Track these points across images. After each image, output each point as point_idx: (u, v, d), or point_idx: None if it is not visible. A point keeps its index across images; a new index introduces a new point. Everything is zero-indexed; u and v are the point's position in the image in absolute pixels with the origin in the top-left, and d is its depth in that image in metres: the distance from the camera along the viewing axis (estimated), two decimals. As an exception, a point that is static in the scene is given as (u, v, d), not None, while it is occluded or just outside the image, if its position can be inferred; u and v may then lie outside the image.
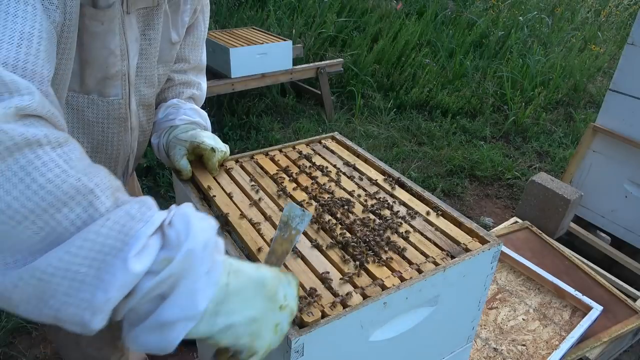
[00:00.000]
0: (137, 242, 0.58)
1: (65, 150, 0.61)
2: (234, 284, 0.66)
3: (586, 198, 2.66)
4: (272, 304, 0.70)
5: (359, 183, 1.25)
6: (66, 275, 0.56)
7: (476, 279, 1.05)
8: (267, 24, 4.73)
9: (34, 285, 0.56)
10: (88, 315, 0.58)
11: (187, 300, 0.61)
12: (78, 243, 0.57)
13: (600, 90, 5.13)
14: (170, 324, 0.61)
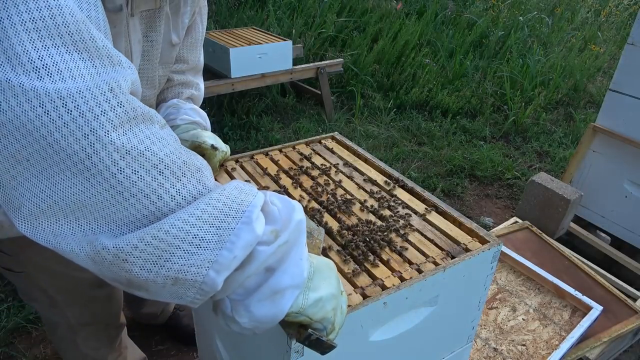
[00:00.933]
0: (255, 209, 0.63)
1: (169, 131, 0.65)
2: (316, 262, 0.72)
3: (586, 198, 2.66)
4: (339, 286, 0.75)
5: (358, 183, 1.25)
6: (187, 236, 0.59)
7: (476, 279, 1.05)
8: (267, 24, 4.73)
9: (155, 246, 0.58)
10: (213, 274, 0.60)
11: (295, 268, 0.66)
12: (201, 207, 0.60)
13: (600, 90, 5.13)
14: (282, 291, 0.65)
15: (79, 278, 1.25)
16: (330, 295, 0.70)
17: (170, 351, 2.08)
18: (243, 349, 1.08)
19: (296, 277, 0.66)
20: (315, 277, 0.70)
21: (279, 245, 0.64)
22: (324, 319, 0.70)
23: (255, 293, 0.64)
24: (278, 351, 0.82)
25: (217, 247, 0.60)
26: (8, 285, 2.30)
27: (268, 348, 0.89)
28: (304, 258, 0.67)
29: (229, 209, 0.61)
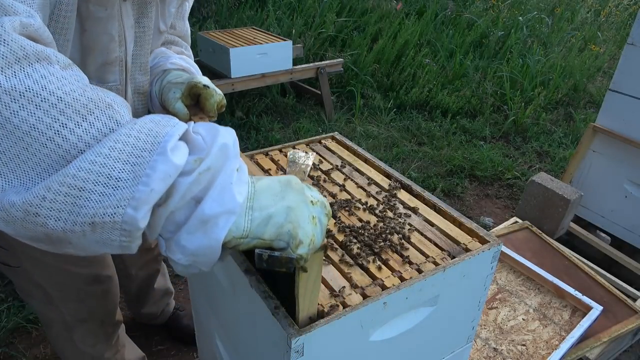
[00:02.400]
0: (171, 139, 0.58)
1: (75, 72, 0.60)
2: (259, 184, 0.67)
3: (586, 198, 2.66)
4: (303, 197, 0.68)
5: (358, 183, 1.25)
6: (99, 177, 0.55)
7: (476, 279, 1.05)
8: (267, 24, 4.73)
9: (65, 193, 0.54)
10: (131, 211, 0.56)
11: (224, 194, 0.62)
12: (109, 144, 0.56)
13: (600, 90, 5.13)
14: (213, 219, 0.61)
15: (74, 273, 1.25)
16: (283, 209, 0.65)
17: (170, 351, 2.08)
18: (243, 349, 1.08)
19: (227, 203, 0.61)
20: (262, 196, 0.65)
21: (200, 172, 0.60)
22: (280, 235, 0.65)
23: (184, 226, 0.61)
24: (278, 351, 0.82)
25: (132, 183, 0.56)
26: (8, 285, 2.30)
27: (268, 348, 0.89)
28: (235, 182, 0.63)
29: (143, 142, 0.57)
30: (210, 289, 1.21)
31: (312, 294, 0.76)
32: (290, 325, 0.79)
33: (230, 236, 0.63)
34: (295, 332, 0.77)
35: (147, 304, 1.95)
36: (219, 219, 0.61)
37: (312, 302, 0.77)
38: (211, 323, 1.31)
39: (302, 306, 0.75)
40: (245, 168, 0.67)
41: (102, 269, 1.35)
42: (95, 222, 0.56)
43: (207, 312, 1.33)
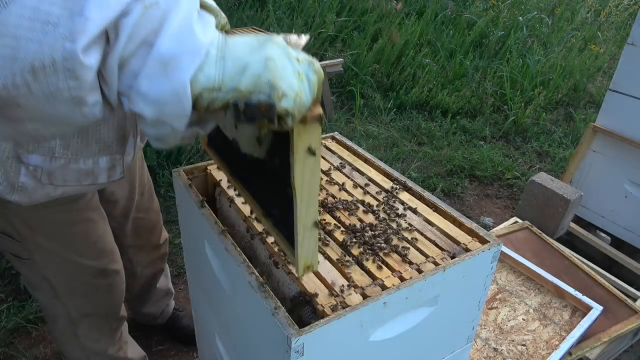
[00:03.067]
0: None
1: None
2: (233, 38, 0.60)
3: (586, 198, 2.66)
4: (286, 52, 0.60)
5: (358, 183, 1.25)
6: (35, 17, 0.51)
7: (476, 279, 1.05)
8: (266, 24, 4.73)
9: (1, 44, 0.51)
10: (68, 45, 0.51)
11: (182, 32, 0.55)
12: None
13: (600, 90, 5.13)
14: (173, 60, 0.54)
15: (82, 265, 1.26)
16: (261, 59, 0.57)
17: (170, 351, 2.08)
18: (243, 349, 1.08)
19: (187, 42, 0.55)
20: (236, 47, 0.58)
21: (146, 7, 0.53)
22: (258, 85, 0.57)
23: (142, 71, 0.55)
24: (278, 351, 0.82)
25: (68, 20, 0.51)
26: (8, 285, 2.30)
27: (268, 348, 0.89)
28: (196, 21, 0.56)
29: None
30: (210, 289, 1.21)
31: (311, 188, 0.66)
32: (290, 325, 0.79)
33: (199, 88, 0.56)
34: (295, 332, 0.77)
35: (148, 303, 1.95)
36: (181, 60, 0.55)
37: (311, 199, 0.68)
38: (211, 323, 1.31)
39: (299, 203, 0.66)
40: (211, 18, 0.60)
41: (110, 263, 1.35)
42: (35, 67, 0.52)
43: (207, 312, 1.33)
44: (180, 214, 1.32)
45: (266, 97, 0.57)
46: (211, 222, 1.05)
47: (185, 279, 2.37)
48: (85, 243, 1.26)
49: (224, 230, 1.03)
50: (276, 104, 0.57)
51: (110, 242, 1.35)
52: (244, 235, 1.12)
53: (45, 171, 1.01)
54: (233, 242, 0.99)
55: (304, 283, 0.91)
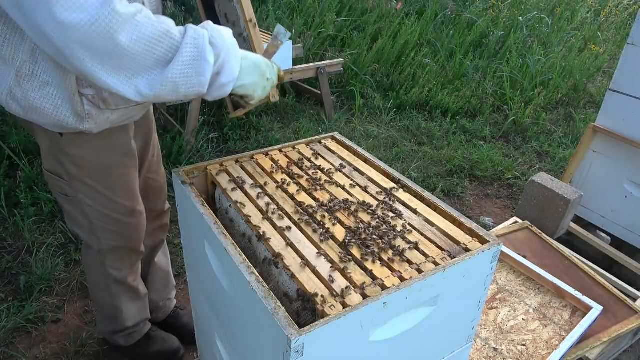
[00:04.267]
0: (205, 50, 1.06)
1: (145, 13, 1.01)
2: (244, 65, 1.17)
3: (586, 198, 2.66)
4: (262, 77, 1.22)
5: (358, 183, 1.25)
6: (183, 75, 1.05)
7: (476, 279, 1.05)
8: (267, 23, 4.73)
9: (169, 85, 1.05)
10: (202, 89, 1.09)
11: (230, 72, 1.13)
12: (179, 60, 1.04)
13: (600, 90, 5.13)
14: (225, 85, 1.14)
15: (118, 204, 1.51)
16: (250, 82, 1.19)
17: (170, 351, 2.08)
18: (243, 349, 1.08)
19: (231, 76, 1.13)
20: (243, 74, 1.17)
21: (221, 62, 1.10)
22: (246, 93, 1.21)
23: (215, 84, 1.13)
24: (278, 351, 0.82)
25: (197, 76, 1.07)
26: (8, 285, 2.30)
27: (268, 348, 0.89)
28: (234, 66, 1.14)
29: (195, 55, 1.06)
30: (210, 289, 1.21)
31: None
32: (290, 325, 0.79)
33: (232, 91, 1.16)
34: (295, 332, 0.77)
35: (147, 284, 1.95)
36: (228, 85, 1.14)
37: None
38: (211, 323, 1.31)
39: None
40: (239, 55, 1.16)
41: (138, 205, 1.60)
42: (187, 95, 1.09)
43: (207, 312, 1.33)
44: (180, 214, 1.32)
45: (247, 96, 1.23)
46: (211, 222, 1.05)
47: (185, 279, 2.37)
48: (122, 185, 1.51)
49: (224, 231, 1.04)
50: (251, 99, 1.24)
51: (137, 188, 1.60)
52: (244, 235, 1.12)
53: (100, 98, 1.27)
54: (233, 242, 0.99)
55: (304, 283, 0.91)
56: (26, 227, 2.56)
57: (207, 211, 1.08)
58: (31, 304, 2.18)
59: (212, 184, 1.29)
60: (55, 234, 2.61)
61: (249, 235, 1.10)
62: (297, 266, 0.95)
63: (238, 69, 1.15)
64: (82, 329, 2.12)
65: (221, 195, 1.23)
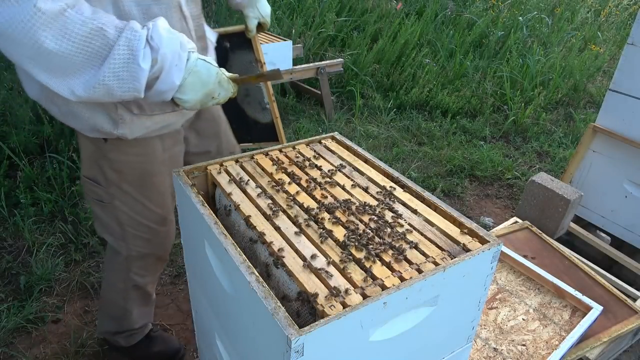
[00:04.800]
0: (139, 53, 1.03)
1: (78, 8, 0.97)
2: (189, 80, 1.15)
3: (586, 198, 2.66)
4: (207, 97, 1.20)
5: (358, 183, 1.25)
6: (116, 78, 1.03)
7: (476, 279, 1.05)
8: (267, 23, 4.73)
9: (102, 86, 1.03)
10: (138, 94, 1.08)
11: (169, 80, 1.10)
12: (112, 62, 1.01)
13: (600, 90, 5.13)
14: (164, 92, 1.12)
15: (151, 211, 1.52)
16: (192, 100, 1.18)
17: (170, 351, 2.08)
18: (243, 349, 1.08)
19: (170, 85, 1.13)
20: (187, 87, 1.16)
21: (157, 69, 1.09)
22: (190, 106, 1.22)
23: (152, 91, 1.13)
24: (278, 351, 0.82)
25: (131, 80, 1.06)
26: (8, 285, 2.30)
27: (268, 348, 0.89)
28: (174, 75, 1.12)
29: (128, 57, 1.03)
30: (210, 289, 1.21)
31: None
32: (290, 325, 0.79)
33: (170, 94, 1.14)
34: (295, 332, 0.77)
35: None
36: (168, 92, 1.13)
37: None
38: (211, 323, 1.31)
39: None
40: (183, 65, 1.12)
41: (169, 214, 1.59)
42: (123, 97, 1.09)
43: (207, 312, 1.33)
44: (180, 214, 1.32)
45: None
46: (211, 222, 1.05)
47: (185, 279, 2.37)
48: (157, 193, 1.50)
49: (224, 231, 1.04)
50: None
51: (170, 197, 1.59)
52: (244, 235, 1.12)
53: (135, 104, 1.27)
54: (233, 242, 0.99)
55: (303, 283, 0.91)
56: (26, 227, 2.56)
57: (207, 211, 1.08)
58: (31, 304, 2.18)
59: (212, 184, 1.29)
60: (55, 234, 2.61)
61: (249, 236, 1.10)
62: (297, 266, 0.95)
63: (179, 79, 1.10)
64: (82, 329, 2.12)
65: (221, 195, 1.23)
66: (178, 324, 2.21)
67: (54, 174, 2.84)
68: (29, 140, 3.00)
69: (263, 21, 1.81)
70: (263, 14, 1.79)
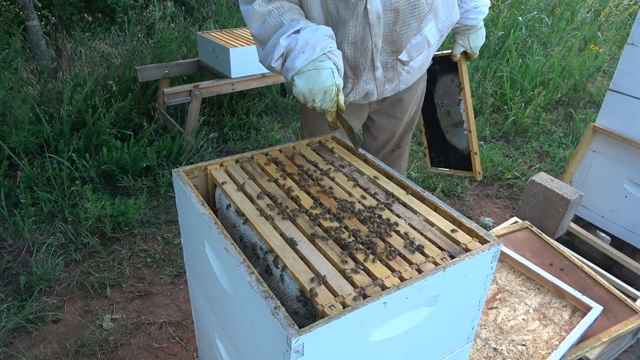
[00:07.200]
0: (284, 34, 1.35)
1: (277, 4, 1.39)
2: (308, 72, 1.31)
3: (586, 198, 2.66)
4: (310, 96, 1.33)
5: (358, 183, 1.25)
6: (270, 47, 1.38)
7: (476, 279, 1.05)
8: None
9: (266, 49, 1.41)
10: (274, 58, 1.38)
11: (291, 61, 1.33)
12: (273, 40, 1.37)
13: (600, 90, 5.13)
14: (287, 69, 1.35)
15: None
16: (302, 90, 1.33)
17: (171, 351, 2.08)
18: (243, 349, 1.08)
19: (294, 65, 1.34)
20: (300, 76, 1.34)
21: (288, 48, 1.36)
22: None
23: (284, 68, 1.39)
24: (278, 351, 0.82)
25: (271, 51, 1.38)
26: (8, 285, 2.30)
27: (268, 348, 0.89)
28: (298, 59, 1.33)
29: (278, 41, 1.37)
30: (210, 289, 1.21)
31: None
32: (290, 325, 0.79)
33: (290, 73, 1.35)
34: (295, 332, 0.77)
35: None
36: (290, 71, 1.34)
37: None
38: (211, 323, 1.31)
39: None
40: (310, 55, 1.31)
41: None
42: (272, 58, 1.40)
43: (207, 312, 1.33)
44: (180, 214, 1.32)
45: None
46: (211, 222, 1.05)
47: (185, 279, 2.37)
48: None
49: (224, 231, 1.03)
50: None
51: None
52: (244, 235, 1.12)
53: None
54: (233, 242, 0.99)
55: (303, 283, 0.91)
56: (26, 227, 2.56)
57: (207, 211, 1.08)
58: (31, 304, 2.18)
59: (212, 184, 1.29)
60: (55, 234, 2.61)
61: (248, 235, 1.10)
62: (297, 266, 0.95)
63: (300, 64, 1.30)
64: (82, 329, 2.12)
65: (221, 195, 1.23)
66: (178, 323, 2.21)
67: (53, 174, 2.84)
68: (29, 140, 3.00)
69: (470, 52, 1.94)
70: (472, 45, 1.92)
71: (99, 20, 4.96)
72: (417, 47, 1.63)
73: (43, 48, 3.91)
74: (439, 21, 1.64)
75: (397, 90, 1.73)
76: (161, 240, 2.68)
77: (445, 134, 2.20)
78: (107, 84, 3.71)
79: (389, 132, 1.92)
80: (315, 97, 1.32)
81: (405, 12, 1.48)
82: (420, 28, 1.57)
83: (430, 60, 1.81)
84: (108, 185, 3.05)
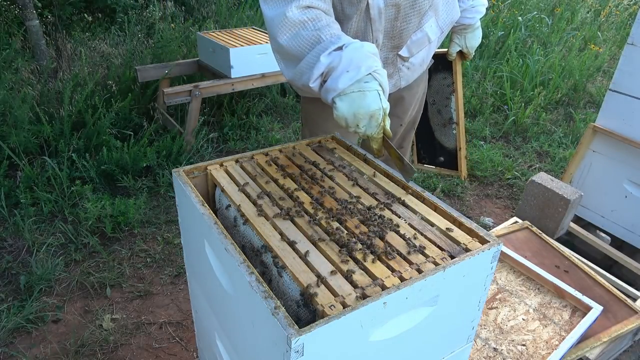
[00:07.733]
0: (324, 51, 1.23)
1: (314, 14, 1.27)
2: (352, 94, 1.20)
3: (586, 198, 2.66)
4: (355, 120, 1.21)
5: (358, 183, 1.25)
6: (307, 64, 1.26)
7: (476, 279, 1.05)
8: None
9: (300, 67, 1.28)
10: (313, 78, 1.25)
11: (332, 81, 1.21)
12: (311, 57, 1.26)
13: (600, 90, 5.13)
14: (327, 90, 1.23)
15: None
16: (345, 114, 1.22)
17: (170, 351, 2.08)
18: (243, 349, 1.08)
19: (337, 86, 1.21)
20: (342, 99, 1.22)
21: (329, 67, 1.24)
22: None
23: (323, 89, 1.26)
24: (278, 351, 0.82)
25: (312, 69, 1.25)
26: (8, 285, 2.30)
27: (268, 348, 0.89)
28: (340, 79, 1.21)
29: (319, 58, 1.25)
30: (210, 289, 1.21)
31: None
32: (290, 325, 0.79)
33: (331, 95, 1.23)
34: (295, 332, 0.77)
35: None
36: (330, 92, 1.22)
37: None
38: (211, 323, 1.31)
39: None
40: (354, 76, 1.19)
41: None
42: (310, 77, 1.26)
43: (207, 312, 1.33)
44: (180, 214, 1.32)
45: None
46: (211, 222, 1.05)
47: (185, 279, 2.37)
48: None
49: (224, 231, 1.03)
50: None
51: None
52: (244, 235, 1.12)
53: None
54: (233, 242, 0.99)
55: (303, 283, 0.91)
56: (26, 227, 2.56)
57: (207, 211, 1.08)
58: (31, 304, 2.18)
59: (212, 184, 1.29)
60: (55, 234, 2.61)
61: (248, 236, 1.10)
62: (297, 266, 0.95)
63: (343, 85, 1.18)
64: (82, 329, 2.12)
65: (221, 195, 1.23)
66: (178, 323, 2.21)
67: (53, 174, 2.84)
68: (29, 140, 3.01)
69: (466, 52, 1.95)
70: (468, 45, 1.93)
71: (99, 20, 4.96)
72: (417, 43, 1.63)
73: (43, 48, 3.91)
74: (439, 18, 1.64)
75: (398, 86, 1.73)
76: (161, 240, 2.68)
77: (434, 132, 2.21)
78: (107, 84, 3.71)
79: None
80: (359, 122, 1.20)
81: (406, 7, 1.48)
82: (420, 24, 1.58)
83: (431, 58, 1.80)
84: (108, 185, 3.05)
